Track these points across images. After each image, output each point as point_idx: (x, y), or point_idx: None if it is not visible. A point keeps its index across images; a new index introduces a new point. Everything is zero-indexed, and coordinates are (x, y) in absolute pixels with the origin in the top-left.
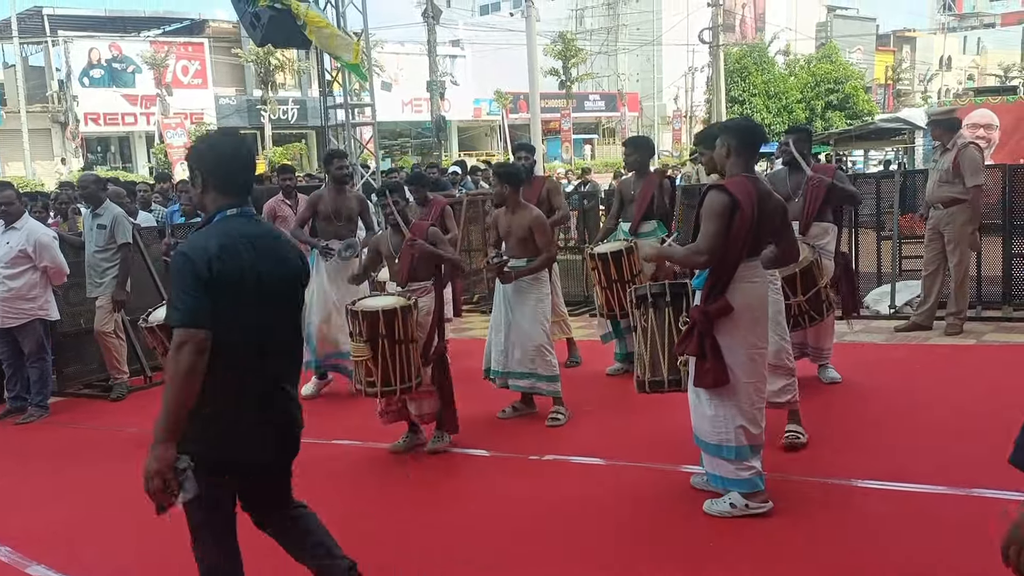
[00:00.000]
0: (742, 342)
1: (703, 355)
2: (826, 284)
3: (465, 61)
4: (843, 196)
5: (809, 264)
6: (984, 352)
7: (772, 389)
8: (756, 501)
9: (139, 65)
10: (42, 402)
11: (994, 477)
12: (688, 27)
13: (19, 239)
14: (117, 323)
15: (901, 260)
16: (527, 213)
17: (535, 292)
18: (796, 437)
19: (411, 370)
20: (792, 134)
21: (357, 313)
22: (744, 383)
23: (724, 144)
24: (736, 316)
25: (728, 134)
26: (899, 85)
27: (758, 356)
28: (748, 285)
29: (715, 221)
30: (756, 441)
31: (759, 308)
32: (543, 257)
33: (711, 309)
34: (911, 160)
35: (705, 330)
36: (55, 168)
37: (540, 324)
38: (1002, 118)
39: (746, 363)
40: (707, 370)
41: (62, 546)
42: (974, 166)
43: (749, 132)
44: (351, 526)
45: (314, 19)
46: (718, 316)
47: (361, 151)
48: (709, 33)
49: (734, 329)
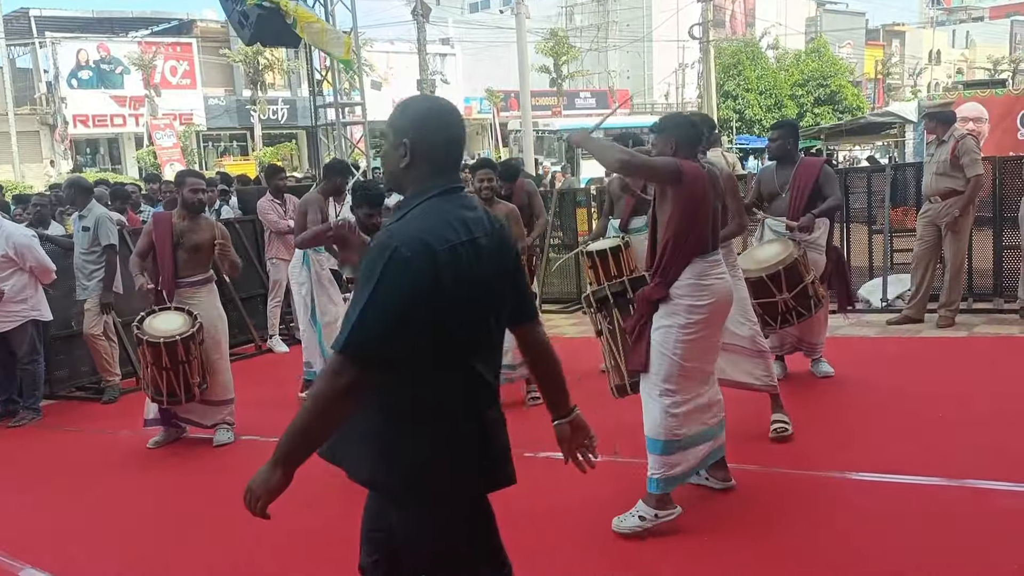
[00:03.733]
0: (705, 339)
1: (639, 336)
2: (813, 280)
3: (455, 59)
4: (828, 210)
5: (793, 261)
6: (976, 344)
7: (751, 372)
8: (664, 509)
9: (127, 66)
10: (34, 404)
11: (986, 468)
12: (678, 23)
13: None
14: (107, 325)
15: (893, 254)
16: (501, 206)
17: None
18: (784, 430)
19: None
20: (778, 129)
21: None
22: (664, 379)
23: (668, 141)
24: (711, 315)
25: (671, 130)
26: (889, 80)
27: (709, 365)
28: (718, 281)
29: (658, 162)
30: (665, 437)
31: (727, 305)
32: (519, 246)
33: (647, 291)
34: (901, 154)
35: (644, 312)
36: (44, 170)
37: None
38: (991, 111)
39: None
40: (632, 351)
41: (55, 549)
42: (973, 157)
43: (691, 127)
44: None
45: (304, 15)
46: (654, 298)
47: (352, 150)
48: (699, 29)
49: (705, 326)
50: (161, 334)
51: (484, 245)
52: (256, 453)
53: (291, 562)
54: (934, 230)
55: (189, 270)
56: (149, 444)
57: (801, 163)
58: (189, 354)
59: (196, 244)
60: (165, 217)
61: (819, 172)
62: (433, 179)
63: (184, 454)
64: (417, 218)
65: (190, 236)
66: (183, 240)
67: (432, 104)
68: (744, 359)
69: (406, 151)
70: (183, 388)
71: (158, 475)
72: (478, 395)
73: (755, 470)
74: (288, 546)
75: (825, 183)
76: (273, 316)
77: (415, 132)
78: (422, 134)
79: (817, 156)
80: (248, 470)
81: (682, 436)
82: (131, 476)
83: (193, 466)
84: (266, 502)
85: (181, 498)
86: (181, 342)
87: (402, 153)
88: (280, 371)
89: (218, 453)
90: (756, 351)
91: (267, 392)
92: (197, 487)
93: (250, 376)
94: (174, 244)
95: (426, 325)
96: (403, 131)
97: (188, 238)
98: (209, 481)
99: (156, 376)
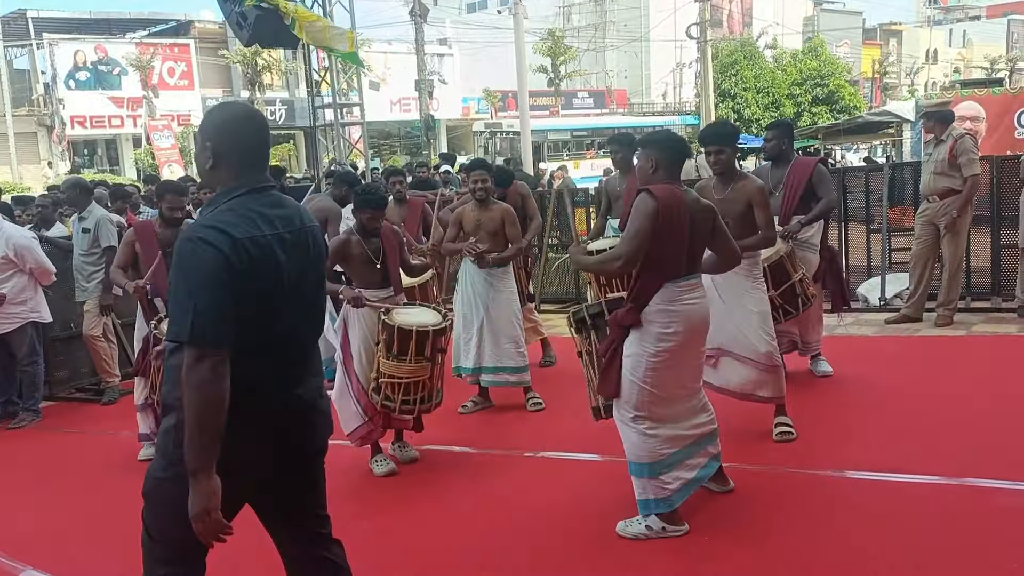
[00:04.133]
0: (678, 364)
1: (609, 361)
2: (802, 278)
3: (453, 60)
4: (819, 213)
5: (779, 258)
6: (974, 343)
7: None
8: (672, 524)
9: (125, 67)
10: (34, 406)
11: (985, 466)
12: (676, 23)
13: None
14: (107, 327)
15: (891, 253)
16: (498, 207)
17: (508, 287)
18: (788, 433)
19: (441, 383)
20: (773, 130)
21: (422, 332)
22: (635, 406)
23: (649, 159)
24: (683, 342)
25: (653, 148)
26: (886, 79)
27: (690, 383)
28: (691, 306)
29: (639, 222)
30: (648, 460)
31: (702, 331)
32: (515, 247)
33: (619, 315)
34: (899, 153)
35: (616, 337)
36: (42, 172)
37: (514, 316)
38: (988, 110)
39: (673, 387)
40: (602, 377)
41: (55, 550)
42: (971, 156)
43: (675, 146)
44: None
45: (304, 15)
46: (625, 324)
47: (350, 151)
48: (697, 29)
49: (675, 353)
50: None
51: (289, 240)
52: None
53: None
54: (932, 229)
55: None
56: (140, 457)
57: (795, 163)
58: None
59: None
60: (148, 226)
61: (812, 172)
62: (238, 179)
63: None
64: (222, 213)
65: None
66: (170, 248)
67: (234, 110)
68: (759, 373)
69: (210, 154)
70: None
71: None
72: (277, 379)
73: (755, 469)
74: None
75: (819, 183)
76: None
77: (217, 136)
78: (222, 138)
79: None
80: None
81: (667, 455)
82: (132, 477)
83: None
84: (215, 515)
85: None
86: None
87: (207, 155)
88: None
89: None
90: (772, 366)
91: None
92: None
93: None
94: (164, 253)
95: (238, 305)
96: (207, 136)
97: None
98: None
99: None
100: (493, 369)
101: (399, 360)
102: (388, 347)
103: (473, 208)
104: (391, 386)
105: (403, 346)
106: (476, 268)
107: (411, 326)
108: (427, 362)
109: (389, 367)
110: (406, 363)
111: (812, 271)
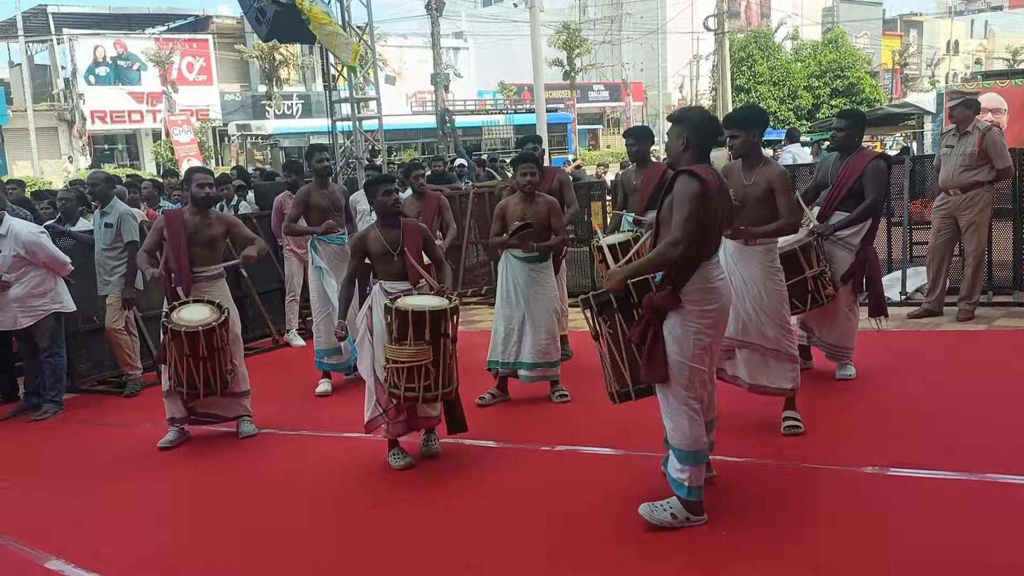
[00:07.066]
0: (714, 342)
1: (643, 345)
2: (819, 275)
3: (468, 53)
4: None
5: (792, 251)
6: (995, 337)
7: (781, 376)
8: (696, 515)
9: (144, 62)
10: (56, 397)
11: (1005, 462)
12: (692, 15)
13: (7, 246)
14: (128, 320)
15: (912, 246)
16: (543, 200)
17: (549, 281)
18: (796, 427)
19: (456, 371)
20: (844, 119)
21: (418, 313)
22: (686, 387)
23: (681, 136)
24: (718, 318)
25: (686, 126)
26: (906, 70)
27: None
28: (721, 283)
29: (689, 205)
30: (696, 447)
31: (729, 309)
32: (560, 238)
33: (656, 299)
34: (920, 145)
35: (650, 320)
36: (63, 166)
37: (555, 313)
38: (1010, 102)
39: (712, 365)
40: (648, 363)
41: (79, 541)
42: (1001, 148)
43: (708, 125)
44: (365, 518)
45: (318, 15)
46: (665, 306)
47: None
48: (714, 20)
49: (713, 329)
50: (196, 323)
51: None
52: (275, 447)
53: (309, 554)
54: (951, 223)
55: (204, 264)
56: (161, 444)
57: (854, 155)
58: (222, 341)
59: (209, 238)
60: (177, 214)
61: (864, 167)
62: None
63: (204, 448)
64: None
65: (203, 231)
66: (196, 235)
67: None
68: (777, 363)
69: None
70: (218, 378)
71: (179, 468)
72: None
73: (772, 464)
74: (306, 538)
75: (868, 181)
76: (291, 311)
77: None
78: None
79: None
80: (267, 463)
81: (708, 443)
82: (153, 469)
83: (213, 460)
84: None
85: (202, 491)
86: (217, 328)
87: None
88: (296, 365)
89: (237, 447)
90: (787, 355)
91: (283, 386)
92: (217, 480)
93: (266, 370)
94: (188, 239)
95: None
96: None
97: (201, 233)
98: (229, 474)
99: (191, 368)
100: (530, 365)
101: (400, 344)
102: (390, 332)
103: (518, 201)
104: (395, 371)
105: (403, 330)
106: (518, 263)
107: (408, 307)
108: (427, 345)
109: (392, 351)
110: (407, 347)
111: (840, 270)
